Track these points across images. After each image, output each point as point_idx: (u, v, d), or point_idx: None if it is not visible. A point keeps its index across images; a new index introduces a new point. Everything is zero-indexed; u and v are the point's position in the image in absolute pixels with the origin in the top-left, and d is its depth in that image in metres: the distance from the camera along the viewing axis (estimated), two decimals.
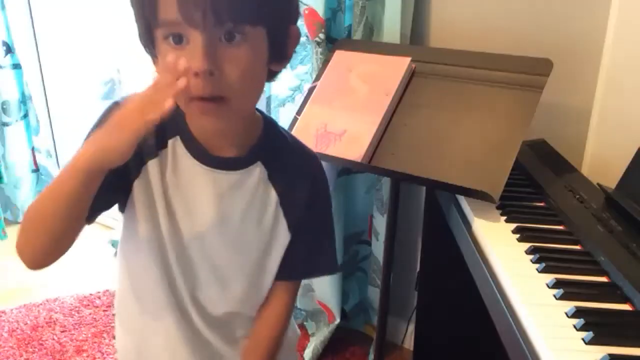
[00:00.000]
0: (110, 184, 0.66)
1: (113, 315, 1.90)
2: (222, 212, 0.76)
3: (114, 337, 1.78)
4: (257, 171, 0.77)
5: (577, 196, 1.00)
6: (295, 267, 0.83)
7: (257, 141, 0.77)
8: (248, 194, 0.76)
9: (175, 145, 0.74)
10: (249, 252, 0.79)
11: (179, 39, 0.64)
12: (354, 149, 1.19)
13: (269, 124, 0.80)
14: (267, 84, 1.63)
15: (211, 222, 0.75)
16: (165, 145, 0.74)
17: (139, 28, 0.69)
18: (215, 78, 0.63)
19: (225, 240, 0.77)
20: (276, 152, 0.79)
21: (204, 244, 0.76)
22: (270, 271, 0.82)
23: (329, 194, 0.86)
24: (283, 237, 0.81)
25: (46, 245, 0.67)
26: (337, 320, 1.74)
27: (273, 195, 0.78)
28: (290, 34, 0.72)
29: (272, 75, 0.75)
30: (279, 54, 0.71)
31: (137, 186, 0.74)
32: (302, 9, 1.48)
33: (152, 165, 0.74)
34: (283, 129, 0.84)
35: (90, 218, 0.69)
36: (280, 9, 0.69)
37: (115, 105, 0.71)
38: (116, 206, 0.78)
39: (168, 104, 0.58)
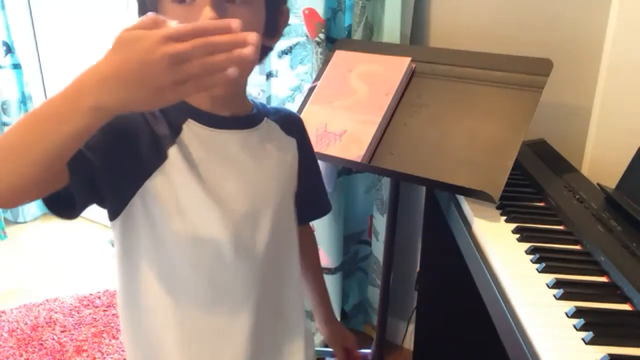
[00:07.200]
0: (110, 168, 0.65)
1: (113, 315, 1.90)
2: (263, 166, 0.79)
3: (114, 337, 1.79)
4: (271, 123, 0.83)
5: (577, 196, 1.00)
6: (314, 209, 0.96)
7: (254, 108, 0.82)
8: (276, 142, 0.83)
9: (190, 126, 0.73)
10: (282, 196, 0.82)
11: None
12: (354, 149, 1.19)
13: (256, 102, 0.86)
14: (266, 84, 1.65)
15: (257, 180, 0.78)
16: (180, 130, 0.73)
17: None
18: None
19: (268, 188, 0.80)
20: (273, 112, 0.86)
21: (257, 197, 0.78)
22: (291, 214, 0.87)
23: None
24: (294, 180, 0.86)
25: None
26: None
27: (292, 139, 0.86)
28: (282, 11, 0.78)
29: (264, 52, 0.79)
30: (272, 27, 0.76)
31: (160, 180, 0.71)
32: (302, 9, 1.48)
33: (173, 153, 0.71)
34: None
35: (72, 209, 0.65)
36: None
37: None
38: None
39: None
